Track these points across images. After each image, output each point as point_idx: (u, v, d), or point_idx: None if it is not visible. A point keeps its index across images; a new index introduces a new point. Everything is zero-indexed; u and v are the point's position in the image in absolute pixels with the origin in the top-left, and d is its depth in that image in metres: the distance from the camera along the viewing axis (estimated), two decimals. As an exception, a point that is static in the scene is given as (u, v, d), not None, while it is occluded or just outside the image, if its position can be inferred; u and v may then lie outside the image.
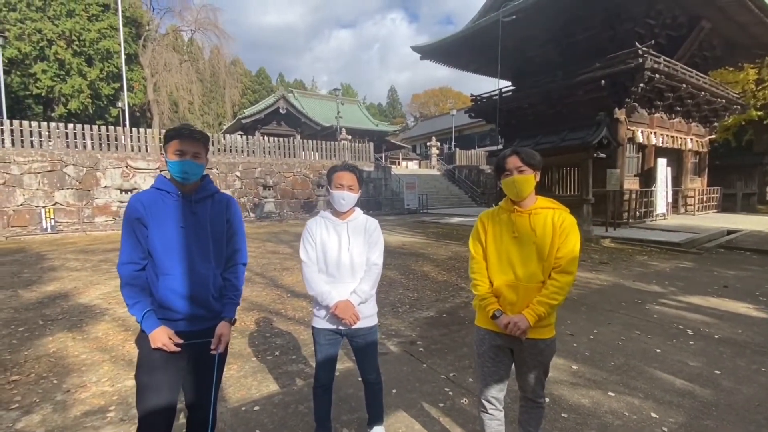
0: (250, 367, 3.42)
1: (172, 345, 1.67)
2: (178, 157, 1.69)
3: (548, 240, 1.78)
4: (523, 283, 1.81)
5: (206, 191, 1.81)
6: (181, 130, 1.71)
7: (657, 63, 12.09)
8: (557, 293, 1.76)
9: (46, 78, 24.55)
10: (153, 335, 1.66)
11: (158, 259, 1.68)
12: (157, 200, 1.71)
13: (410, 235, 12.20)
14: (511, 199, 1.90)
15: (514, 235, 1.85)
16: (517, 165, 1.82)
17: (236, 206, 1.93)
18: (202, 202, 1.79)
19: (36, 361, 3.56)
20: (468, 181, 28.55)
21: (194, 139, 1.72)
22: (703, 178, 17.96)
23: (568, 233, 1.78)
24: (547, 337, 1.87)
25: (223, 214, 1.84)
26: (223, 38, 33.18)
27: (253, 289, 5.97)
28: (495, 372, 1.95)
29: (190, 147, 1.70)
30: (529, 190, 1.83)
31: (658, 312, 4.83)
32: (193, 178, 1.73)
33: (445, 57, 18.46)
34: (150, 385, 1.70)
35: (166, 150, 1.72)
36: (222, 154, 18.44)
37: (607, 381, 3.12)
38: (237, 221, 1.90)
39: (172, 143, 1.70)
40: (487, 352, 1.95)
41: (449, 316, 4.78)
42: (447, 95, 67.57)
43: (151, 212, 1.68)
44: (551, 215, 1.82)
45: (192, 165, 1.71)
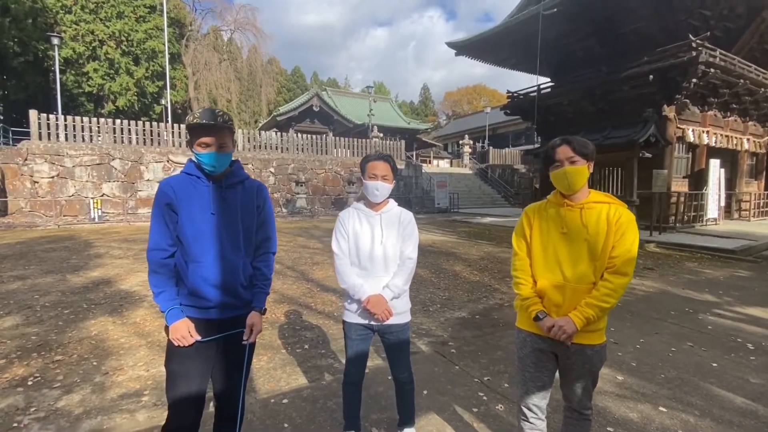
0: (279, 359, 3.41)
1: (189, 339, 1.63)
2: (203, 149, 1.64)
3: (602, 237, 1.61)
4: (571, 283, 1.66)
5: (236, 177, 1.77)
6: (204, 124, 1.62)
7: (712, 57, 11.27)
8: (609, 295, 1.59)
9: (97, 76, 26.03)
10: (173, 327, 1.62)
11: (188, 246, 1.64)
12: (187, 186, 1.67)
13: (440, 233, 12.00)
14: (561, 193, 1.73)
15: (562, 231, 1.69)
16: (568, 155, 1.66)
17: (266, 193, 1.87)
18: (232, 188, 1.74)
19: (79, 342, 3.71)
20: (501, 180, 27.86)
21: (218, 129, 1.65)
22: (760, 182, 16.64)
23: (624, 230, 1.60)
24: (596, 343, 1.70)
25: (254, 201, 1.79)
26: (261, 38, 34.10)
27: (284, 281, 6.02)
28: (537, 378, 1.80)
29: (215, 138, 1.64)
30: (582, 182, 1.67)
31: (712, 323, 4.45)
32: (221, 168, 1.69)
33: (481, 52, 18.05)
34: (180, 374, 1.67)
35: (191, 141, 1.67)
36: (257, 151, 18.88)
37: (658, 395, 2.87)
38: (267, 208, 1.85)
39: (195, 135, 1.64)
40: (529, 356, 1.80)
41: (482, 317, 4.60)
42: (481, 93, 66.29)
43: (181, 198, 1.65)
44: (606, 210, 1.64)
45: (219, 156, 1.65)
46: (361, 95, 38.51)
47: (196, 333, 1.65)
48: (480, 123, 40.33)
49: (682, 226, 12.27)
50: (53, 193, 14.44)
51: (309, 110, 30.10)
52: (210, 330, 1.69)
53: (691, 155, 13.49)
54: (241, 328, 1.73)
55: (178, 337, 1.62)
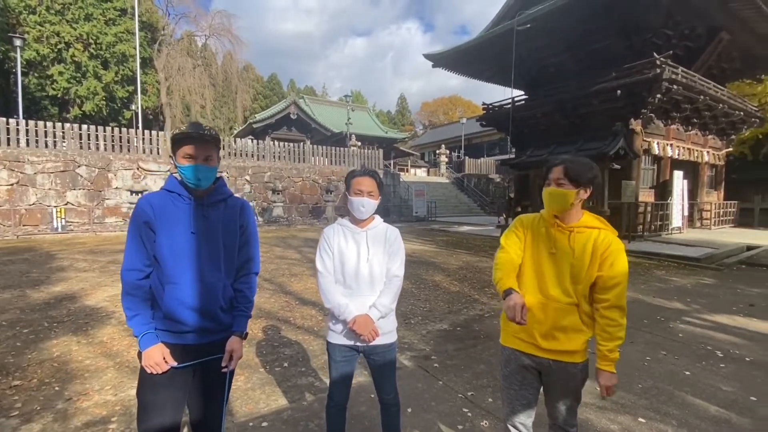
0: (257, 379, 3.28)
1: (164, 366, 1.54)
2: (188, 162, 1.57)
3: (586, 262, 1.61)
4: (553, 303, 1.67)
5: (220, 195, 1.69)
6: (191, 134, 1.57)
7: (675, 74, 11.88)
8: (620, 331, 1.60)
9: (62, 80, 24.96)
10: (147, 353, 1.54)
11: (165, 267, 1.55)
12: (167, 203, 1.59)
13: (419, 243, 12.04)
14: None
15: (551, 251, 1.69)
16: (557, 176, 1.66)
17: (250, 212, 1.80)
18: (214, 206, 1.67)
19: (39, 365, 3.46)
20: (477, 189, 28.34)
21: (205, 141, 1.59)
22: (719, 192, 17.58)
23: (614, 260, 1.59)
24: (579, 362, 1.71)
25: (237, 220, 1.71)
26: (237, 44, 33.59)
27: (261, 295, 5.85)
28: (523, 396, 1.79)
29: (201, 150, 1.58)
30: (562, 206, 1.65)
31: (683, 331, 4.60)
32: (206, 183, 1.61)
33: (457, 65, 18.40)
34: (153, 404, 1.57)
35: (175, 153, 1.60)
36: (232, 158, 18.50)
37: (636, 405, 2.93)
38: (251, 228, 1.78)
39: (181, 147, 1.58)
40: (514, 374, 1.79)
41: (463, 329, 4.60)
42: (456, 104, 67.54)
43: (160, 216, 1.56)
44: (594, 236, 1.64)
45: (205, 170, 1.59)
46: (339, 104, 38.52)
47: (172, 359, 1.55)
48: (456, 133, 41.03)
49: (650, 234, 12.77)
50: (12, 202, 13.67)
51: (286, 118, 29.83)
52: (186, 356, 1.60)
53: (656, 167, 14.11)
54: (219, 354, 1.64)
55: (152, 364, 1.53)
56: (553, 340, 1.68)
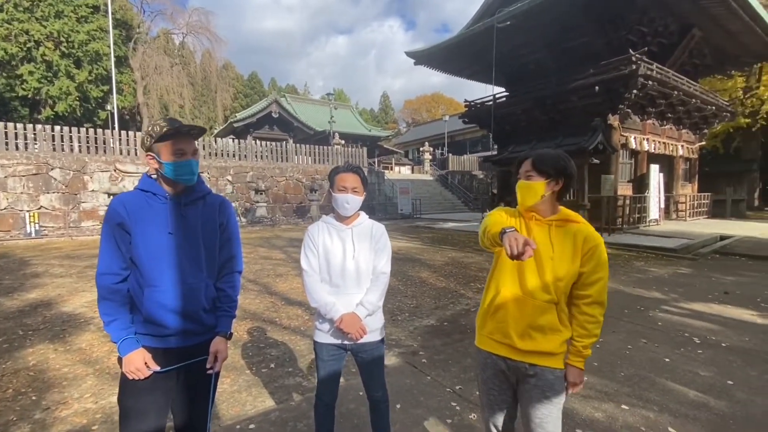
0: (244, 381, 3.24)
1: (146, 372, 1.49)
2: (178, 158, 1.52)
3: (567, 258, 1.56)
4: (530, 299, 1.59)
5: (198, 192, 1.64)
6: (180, 128, 1.52)
7: (650, 70, 12.19)
8: (596, 327, 1.57)
9: (32, 80, 24.06)
10: (127, 359, 1.48)
11: (143, 269, 1.50)
12: (142, 203, 1.54)
13: (405, 240, 12.07)
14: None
15: None
16: (525, 169, 1.64)
17: (231, 208, 1.76)
18: (192, 204, 1.61)
19: (14, 375, 3.33)
20: (461, 186, 28.56)
21: (192, 136, 1.57)
22: (693, 184, 18.15)
23: (594, 255, 1.55)
24: (558, 368, 1.59)
25: (216, 218, 1.67)
26: (215, 42, 33.02)
27: (246, 296, 5.77)
28: (503, 400, 1.71)
29: (188, 145, 1.55)
30: (532, 198, 1.60)
31: (662, 319, 4.74)
32: (195, 178, 1.59)
33: (439, 62, 18.48)
34: (135, 410, 1.52)
35: (158, 150, 1.53)
36: (213, 158, 18.16)
37: (619, 393, 3.00)
38: (232, 225, 1.73)
39: (168, 142, 1.52)
40: (492, 379, 1.70)
41: (450, 324, 4.63)
42: (439, 102, 67.90)
43: (136, 217, 1.51)
44: (574, 230, 1.59)
45: (195, 164, 1.57)
46: (322, 102, 38.25)
47: (154, 364, 1.51)
48: (439, 130, 41.26)
49: (629, 227, 13.09)
50: (-19, 207, 13.11)
51: (268, 117, 29.46)
52: (170, 359, 1.56)
53: (633, 161, 14.47)
54: (204, 356, 1.61)
55: (133, 369, 1.48)
56: (529, 340, 1.58)
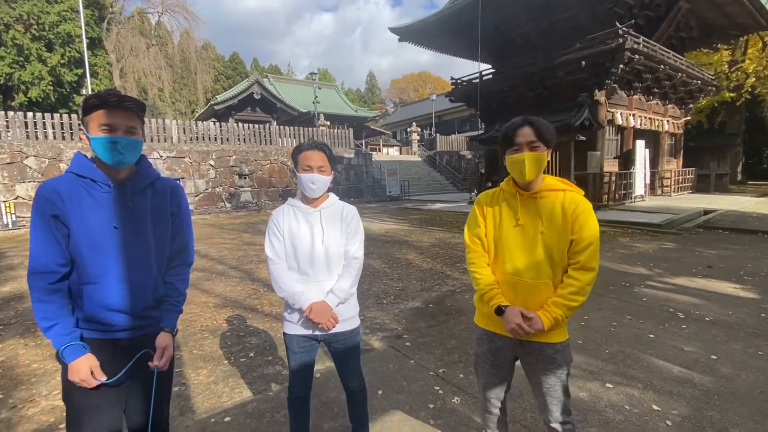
0: (221, 372, 3.13)
1: (92, 382, 1.33)
2: (105, 133, 1.29)
3: (557, 229, 1.48)
4: (524, 279, 1.52)
5: (145, 179, 1.45)
6: (107, 98, 1.30)
7: (636, 43, 12.03)
8: (578, 293, 1.46)
9: (3, 65, 22.94)
10: (73, 367, 1.32)
11: (84, 266, 1.33)
12: (79, 191, 1.33)
13: (393, 222, 11.96)
14: (515, 180, 1.57)
15: (517, 222, 1.54)
16: (529, 139, 1.47)
17: (182, 195, 1.58)
18: (140, 193, 1.42)
19: (-20, 373, 3.18)
20: (449, 167, 28.42)
21: (126, 108, 1.32)
22: (678, 160, 18.28)
23: (584, 222, 1.46)
24: (557, 341, 1.55)
25: (167, 207, 1.49)
26: (193, 21, 31.77)
27: (228, 283, 5.64)
28: (495, 374, 1.73)
29: (121, 119, 1.31)
30: (538, 171, 1.50)
31: (646, 295, 4.74)
32: (129, 160, 1.36)
33: (424, 39, 18.04)
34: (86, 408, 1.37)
35: (86, 124, 1.32)
36: (194, 143, 17.67)
37: (604, 371, 2.96)
38: (183, 214, 1.57)
39: (95, 114, 1.30)
40: (486, 354, 1.71)
41: (436, 306, 4.56)
42: (426, 80, 66.98)
43: (73, 207, 1.30)
44: (561, 198, 1.50)
45: (127, 142, 1.32)
46: (306, 82, 37.32)
47: (101, 373, 1.36)
48: (426, 110, 40.78)
49: (615, 203, 13.17)
50: (-48, 198, 12.61)
51: (249, 98, 28.64)
52: (119, 351, 1.41)
53: (620, 137, 14.45)
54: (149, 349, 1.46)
55: (77, 380, 1.32)
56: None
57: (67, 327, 1.33)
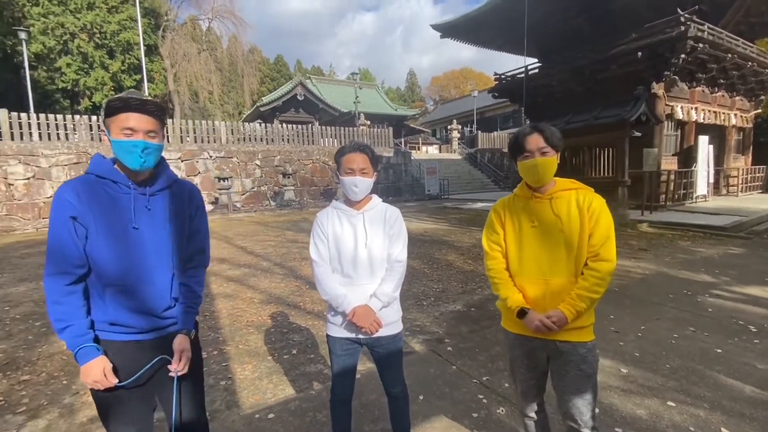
0: (265, 368, 3.21)
1: (105, 383, 1.32)
2: (126, 137, 1.29)
3: (576, 225, 1.55)
4: (550, 278, 1.59)
5: (164, 181, 1.45)
6: (129, 101, 1.29)
7: (701, 31, 11.10)
8: (598, 284, 1.51)
9: (70, 72, 25.02)
10: (85, 369, 1.31)
11: (105, 268, 1.33)
12: (99, 192, 1.33)
13: (432, 221, 11.82)
14: (528, 185, 1.66)
15: (533, 224, 1.62)
16: (540, 146, 1.57)
17: (200, 197, 1.59)
18: (159, 194, 1.43)
19: (49, 359, 3.45)
20: (491, 164, 27.71)
21: (147, 111, 1.32)
22: (747, 157, 16.72)
23: (598, 215, 1.55)
24: (588, 341, 1.60)
25: (185, 209, 1.50)
26: (240, 26, 33.07)
27: (272, 279, 5.79)
28: (531, 377, 1.74)
29: (143, 123, 1.31)
30: (551, 174, 1.60)
31: (712, 305, 4.35)
32: (150, 164, 1.36)
33: (466, 34, 17.66)
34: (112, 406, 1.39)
35: (108, 126, 1.32)
36: (242, 143, 18.39)
37: (665, 387, 2.74)
38: (200, 217, 1.57)
39: (117, 118, 1.30)
40: (520, 358, 1.74)
41: (478, 310, 4.44)
42: (468, 77, 65.71)
43: (92, 208, 1.31)
44: (574, 197, 1.59)
45: (148, 146, 1.32)
46: (347, 82, 37.80)
47: (113, 376, 1.34)
48: (467, 107, 40.00)
49: (673, 204, 12.26)
50: (30, 196, 13.89)
51: (293, 99, 29.41)
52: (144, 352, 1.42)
53: (680, 132, 13.43)
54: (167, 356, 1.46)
55: (90, 381, 1.31)
56: None
57: (81, 329, 1.33)
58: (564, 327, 1.54)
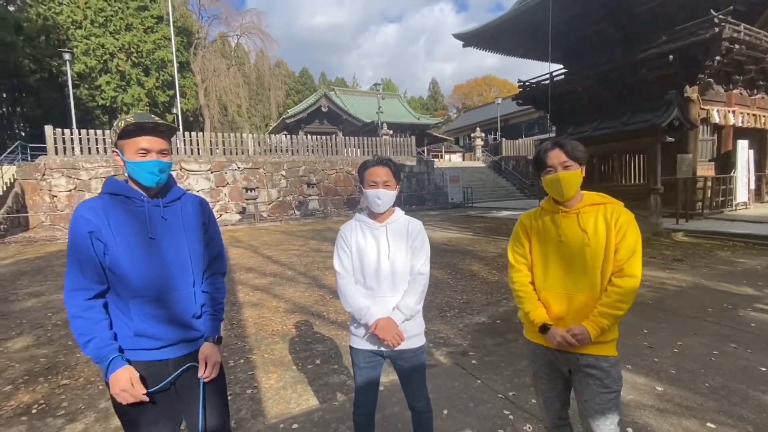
0: (290, 377, 3.24)
1: (134, 392, 1.33)
2: (141, 157, 1.37)
3: (602, 241, 1.53)
4: (574, 293, 1.57)
5: (175, 194, 1.53)
6: (144, 124, 1.36)
7: (737, 32, 10.65)
8: (622, 301, 1.49)
9: (109, 89, 26.49)
10: (113, 378, 1.32)
11: (128, 280, 1.37)
12: (116, 208, 1.40)
13: (456, 230, 11.72)
14: (555, 199, 1.64)
15: (559, 239, 1.60)
16: (561, 160, 1.56)
17: (209, 207, 1.66)
18: (171, 206, 1.50)
19: (86, 364, 3.61)
20: (516, 172, 27.30)
21: (160, 132, 1.40)
22: (791, 161, 15.78)
23: (626, 230, 1.52)
24: (611, 355, 1.56)
25: (198, 218, 1.56)
26: (267, 41, 34.18)
27: (297, 289, 5.87)
28: (553, 388, 1.72)
29: (156, 143, 1.39)
30: (575, 188, 1.58)
31: (755, 320, 4.10)
32: (163, 180, 1.45)
33: (489, 43, 17.59)
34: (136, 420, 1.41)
35: (121, 147, 1.39)
36: (268, 154, 18.86)
37: (704, 408, 2.60)
38: (213, 225, 1.63)
39: (131, 140, 1.37)
40: (542, 369, 1.72)
41: (503, 322, 4.35)
42: (491, 84, 65.27)
43: (110, 222, 1.36)
44: (602, 211, 1.57)
45: (162, 165, 1.41)
46: (370, 93, 38.26)
47: (141, 385, 1.35)
48: (491, 114, 39.65)
49: (710, 212, 11.70)
50: (71, 206, 14.67)
51: (317, 111, 30.03)
52: (168, 371, 1.44)
53: (716, 137, 12.85)
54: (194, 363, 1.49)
55: (118, 391, 1.32)
56: None
57: (105, 340, 1.35)
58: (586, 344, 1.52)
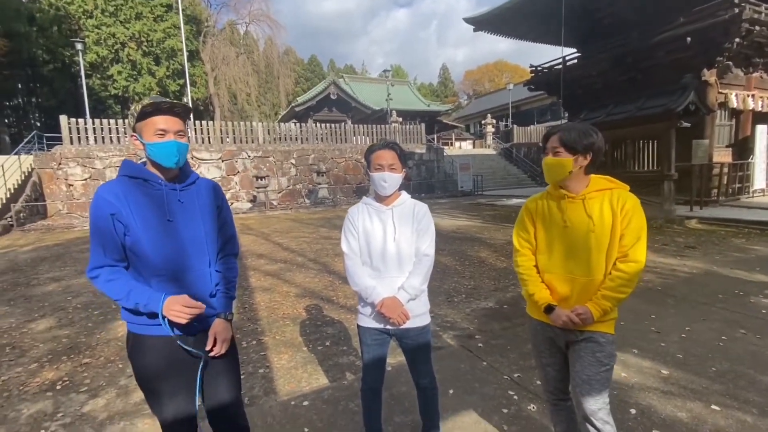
0: (300, 358, 3.34)
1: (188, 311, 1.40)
2: (159, 138, 1.41)
3: (608, 226, 1.55)
4: (579, 277, 1.60)
5: (190, 178, 1.57)
6: (160, 104, 1.40)
7: (757, 12, 10.28)
8: (625, 285, 1.53)
9: (121, 78, 26.71)
10: (167, 304, 1.39)
11: (147, 260, 1.42)
12: (134, 190, 1.44)
13: (465, 218, 11.71)
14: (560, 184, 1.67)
15: (565, 224, 1.62)
16: (553, 145, 1.61)
17: (222, 191, 1.72)
18: (187, 189, 1.55)
19: (106, 344, 3.76)
20: (527, 159, 26.99)
21: (176, 114, 1.44)
22: (813, 147, 15.31)
23: (631, 216, 1.54)
24: (608, 332, 1.62)
25: (213, 201, 1.62)
26: (276, 29, 34.02)
27: (307, 274, 5.97)
28: (554, 362, 1.78)
29: (172, 124, 1.43)
30: (559, 175, 1.61)
31: (767, 306, 4.07)
32: (182, 162, 1.48)
33: (500, 27, 17.24)
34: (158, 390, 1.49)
35: (140, 130, 1.43)
36: (278, 143, 18.94)
37: (709, 391, 2.62)
38: (226, 208, 1.69)
39: (149, 121, 1.41)
40: (542, 343, 1.79)
41: (511, 307, 4.39)
42: (503, 70, 64.12)
43: (130, 205, 1.41)
44: (608, 197, 1.58)
45: (180, 146, 1.45)
46: (379, 80, 37.93)
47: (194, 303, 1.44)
48: (502, 101, 39.08)
49: (726, 199, 11.48)
50: (87, 195, 14.99)
51: (326, 99, 29.92)
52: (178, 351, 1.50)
53: (734, 122, 12.51)
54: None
55: (179, 308, 1.39)
56: None
57: (141, 287, 1.41)
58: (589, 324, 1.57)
